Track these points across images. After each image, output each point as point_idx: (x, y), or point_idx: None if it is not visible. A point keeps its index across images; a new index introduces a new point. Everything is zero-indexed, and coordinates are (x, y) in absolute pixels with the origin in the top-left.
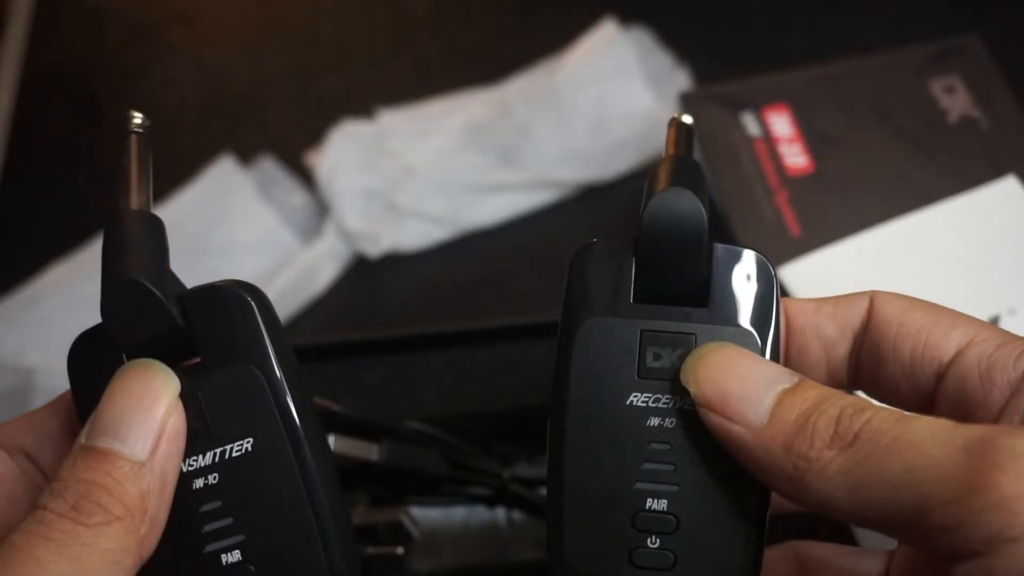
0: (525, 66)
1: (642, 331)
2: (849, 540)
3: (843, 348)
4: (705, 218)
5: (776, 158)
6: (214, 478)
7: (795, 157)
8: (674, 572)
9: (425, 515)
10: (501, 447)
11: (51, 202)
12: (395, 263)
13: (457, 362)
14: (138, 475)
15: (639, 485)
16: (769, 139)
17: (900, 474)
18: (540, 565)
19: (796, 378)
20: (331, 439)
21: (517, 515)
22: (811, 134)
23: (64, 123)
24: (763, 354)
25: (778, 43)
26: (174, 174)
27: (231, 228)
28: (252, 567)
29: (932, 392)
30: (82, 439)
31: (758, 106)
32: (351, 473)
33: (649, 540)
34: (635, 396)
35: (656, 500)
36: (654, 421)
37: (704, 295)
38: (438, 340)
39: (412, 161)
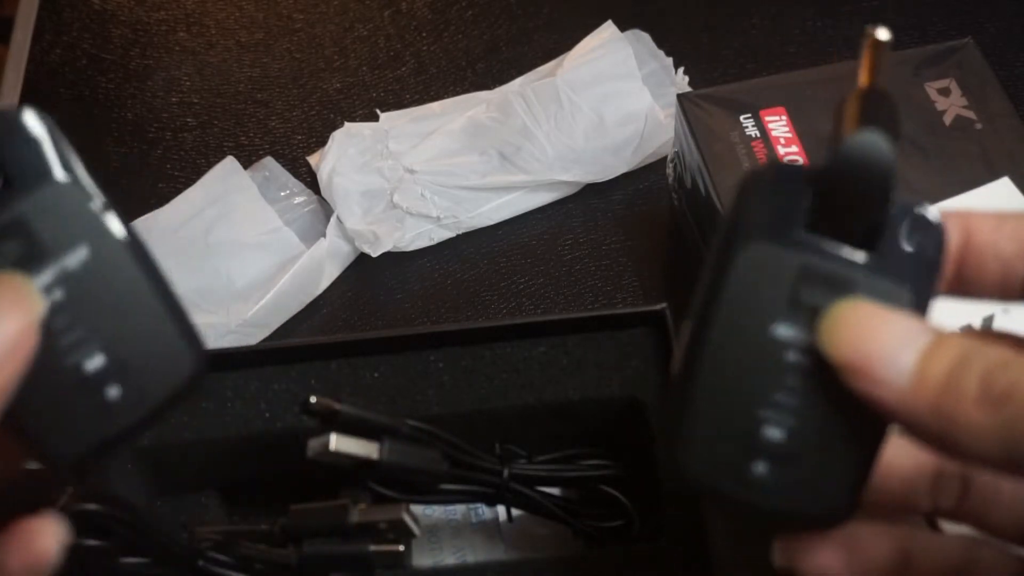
0: (525, 68)
1: (802, 265)
2: None
3: (1021, 269)
4: (895, 170)
5: (774, 159)
6: (60, 293)
7: (792, 158)
8: (777, 496)
9: (425, 513)
10: (501, 446)
11: None
12: (396, 263)
13: (457, 362)
14: None
15: (763, 412)
16: (767, 140)
17: None
18: (540, 563)
19: (935, 332)
20: (331, 438)
21: (517, 513)
22: (808, 136)
23: (68, 124)
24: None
25: (775, 46)
26: (177, 174)
27: (234, 228)
28: (116, 366)
29: None
30: None
31: (756, 108)
32: (352, 472)
33: (760, 464)
34: (780, 327)
35: (776, 429)
36: (792, 356)
37: (874, 240)
38: (438, 339)
39: (413, 162)
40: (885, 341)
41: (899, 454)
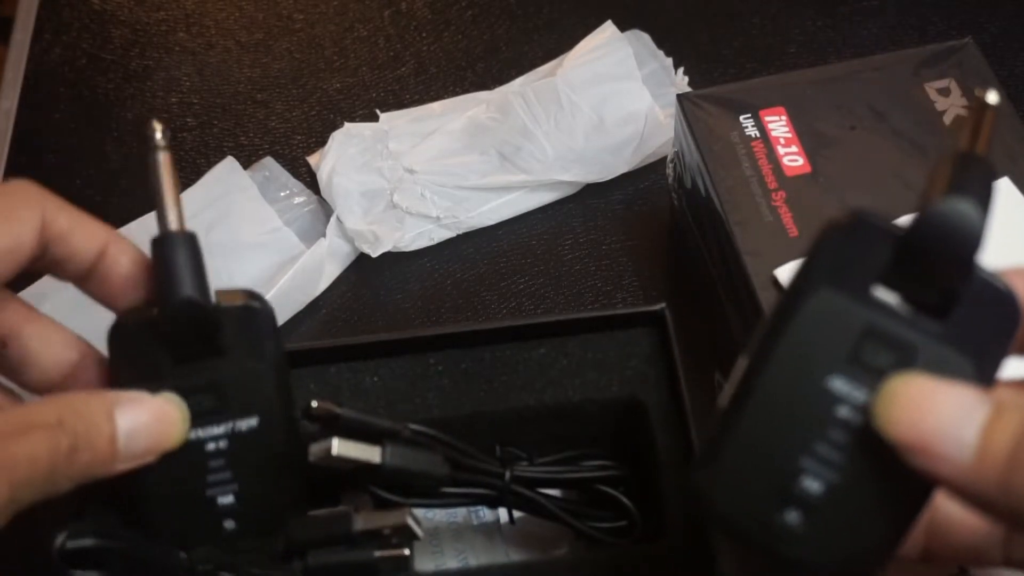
0: (525, 68)
1: (868, 323)
2: None
3: None
4: (982, 243)
5: (774, 159)
6: (224, 444)
7: (792, 158)
8: (803, 546)
9: (427, 516)
10: (502, 448)
11: None
12: (396, 263)
13: (457, 363)
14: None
15: (804, 461)
16: (767, 141)
17: None
18: (542, 565)
19: (993, 401)
20: (334, 442)
21: (518, 515)
22: (808, 136)
23: (68, 124)
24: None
25: (775, 46)
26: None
27: (234, 228)
28: (239, 509)
29: None
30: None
31: (756, 108)
32: (353, 476)
33: (792, 513)
34: (837, 381)
35: (814, 481)
36: (843, 411)
37: (947, 304)
38: (438, 341)
39: (413, 162)
40: (944, 417)
41: None
